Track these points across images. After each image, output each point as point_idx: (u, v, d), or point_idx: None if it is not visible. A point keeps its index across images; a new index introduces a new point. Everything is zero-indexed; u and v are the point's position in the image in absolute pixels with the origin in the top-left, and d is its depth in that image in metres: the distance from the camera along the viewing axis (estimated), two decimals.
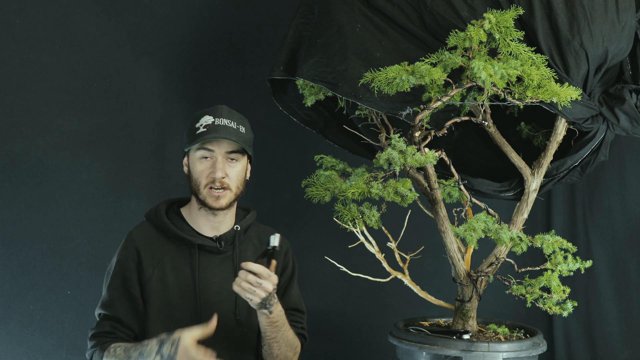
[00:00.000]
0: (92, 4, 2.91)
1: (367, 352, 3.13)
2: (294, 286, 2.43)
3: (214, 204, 2.25)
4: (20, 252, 2.85)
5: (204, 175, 2.25)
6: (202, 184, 2.25)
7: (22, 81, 2.85)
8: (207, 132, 2.23)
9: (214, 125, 2.25)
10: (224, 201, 2.26)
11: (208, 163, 2.26)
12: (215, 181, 2.24)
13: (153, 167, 2.97)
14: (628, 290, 3.01)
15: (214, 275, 2.29)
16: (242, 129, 2.29)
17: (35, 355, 2.86)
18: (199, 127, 2.26)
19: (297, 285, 2.46)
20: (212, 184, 2.24)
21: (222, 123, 2.25)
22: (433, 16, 2.27)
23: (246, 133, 2.31)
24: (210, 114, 2.28)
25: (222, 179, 2.24)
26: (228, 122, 2.27)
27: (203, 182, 2.25)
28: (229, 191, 2.26)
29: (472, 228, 2.22)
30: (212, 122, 2.26)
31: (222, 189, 2.25)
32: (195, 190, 2.28)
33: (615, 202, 3.03)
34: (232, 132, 2.25)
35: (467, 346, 2.22)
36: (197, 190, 2.27)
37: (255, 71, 3.02)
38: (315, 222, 3.07)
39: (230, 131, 2.25)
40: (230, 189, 2.26)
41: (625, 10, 2.27)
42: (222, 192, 2.25)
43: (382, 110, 2.28)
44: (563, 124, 2.41)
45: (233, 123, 2.28)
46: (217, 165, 2.24)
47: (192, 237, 2.28)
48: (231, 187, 2.26)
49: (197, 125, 2.26)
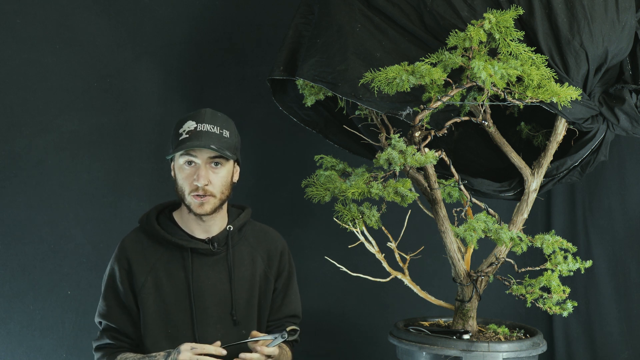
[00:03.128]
0: (92, 4, 2.91)
1: (367, 352, 3.12)
2: (292, 290, 2.43)
3: (198, 210, 2.24)
4: (20, 252, 2.85)
5: (187, 182, 2.24)
6: (186, 190, 2.24)
7: (22, 81, 2.85)
8: (189, 139, 2.21)
9: (196, 132, 2.22)
10: (208, 207, 2.24)
11: (191, 170, 2.24)
12: (198, 189, 2.22)
13: (153, 167, 2.97)
14: (628, 290, 3.01)
15: (208, 278, 2.29)
16: (225, 133, 2.26)
17: (35, 355, 2.86)
18: (181, 132, 2.24)
19: (296, 287, 2.45)
20: (195, 191, 2.23)
21: (204, 129, 2.23)
22: (433, 16, 2.27)
23: (230, 137, 2.27)
24: (193, 119, 2.25)
25: (205, 187, 2.22)
26: (211, 128, 2.24)
27: (187, 189, 2.24)
28: (212, 197, 2.24)
29: (472, 228, 2.22)
30: (194, 127, 2.23)
31: (205, 195, 2.23)
32: (180, 196, 2.27)
33: (615, 202, 3.03)
34: (215, 138, 2.22)
35: (467, 346, 2.22)
36: (182, 196, 2.26)
37: (255, 71, 3.02)
38: (315, 222, 3.07)
39: (212, 137, 2.22)
40: (213, 195, 2.24)
41: (625, 10, 2.27)
42: (205, 198, 2.23)
43: (382, 110, 2.27)
44: (563, 124, 2.41)
45: (216, 128, 2.24)
46: (200, 173, 2.22)
47: (184, 241, 2.28)
48: (215, 194, 2.24)
49: (180, 131, 2.25)
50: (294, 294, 2.43)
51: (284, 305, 2.38)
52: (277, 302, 2.39)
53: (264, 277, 2.37)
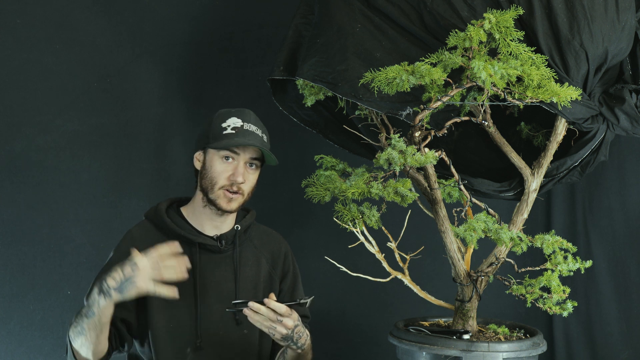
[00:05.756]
0: (92, 4, 2.91)
1: (367, 352, 3.13)
2: (299, 292, 2.44)
3: (226, 206, 2.25)
4: (20, 252, 2.85)
5: (223, 177, 2.24)
6: (218, 184, 2.24)
7: (22, 81, 2.85)
8: (236, 135, 2.23)
9: (243, 130, 2.24)
10: (235, 204, 2.26)
11: (229, 165, 2.25)
12: (234, 185, 2.24)
13: (153, 167, 2.97)
14: (628, 290, 3.01)
15: (213, 275, 2.29)
16: (265, 138, 2.30)
17: (35, 355, 2.86)
18: (226, 127, 2.25)
19: (301, 288, 2.46)
20: (229, 186, 2.24)
21: (250, 128, 2.25)
22: (433, 16, 2.27)
23: (268, 142, 2.31)
24: (238, 116, 2.27)
25: (240, 185, 2.24)
26: (255, 129, 2.27)
27: (220, 182, 2.24)
28: (241, 196, 2.27)
29: (472, 228, 2.22)
30: (240, 125, 2.25)
31: (237, 193, 2.25)
32: (207, 188, 2.26)
33: (615, 202, 3.03)
34: (259, 139, 2.26)
35: (467, 346, 2.22)
36: (210, 188, 2.25)
37: (255, 71, 3.02)
38: (315, 222, 3.07)
39: (257, 138, 2.25)
40: (243, 195, 2.27)
41: (625, 10, 2.27)
42: (236, 195, 2.25)
43: (382, 110, 2.27)
44: (563, 124, 2.41)
45: (259, 131, 2.28)
46: (239, 170, 2.24)
47: (193, 236, 2.28)
48: (245, 193, 2.27)
49: (223, 125, 2.25)
50: (300, 295, 2.43)
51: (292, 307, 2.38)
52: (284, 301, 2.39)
53: (269, 278, 2.37)
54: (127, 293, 2.02)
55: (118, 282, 2.01)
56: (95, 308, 2.03)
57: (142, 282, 2.01)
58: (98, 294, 2.03)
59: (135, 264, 2.01)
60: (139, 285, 2.00)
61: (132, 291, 2.01)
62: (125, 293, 2.02)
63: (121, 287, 2.01)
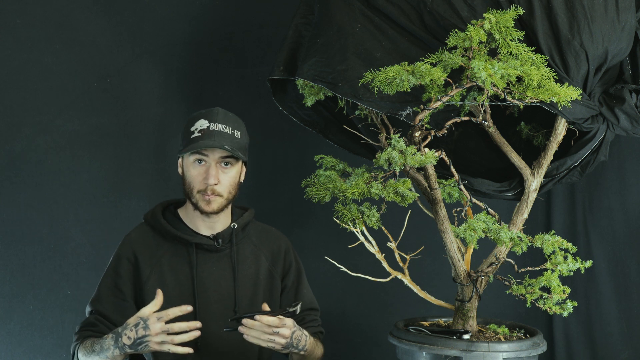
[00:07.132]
0: (92, 4, 2.91)
1: (367, 352, 3.12)
2: (304, 286, 2.44)
3: (206, 208, 2.26)
4: (20, 252, 2.85)
5: (197, 181, 2.26)
6: (194, 188, 2.26)
7: (22, 81, 2.85)
8: (201, 138, 2.22)
9: (209, 131, 2.24)
10: (215, 205, 2.27)
11: (201, 168, 2.26)
12: (207, 188, 2.24)
13: (153, 167, 2.97)
14: (628, 290, 3.01)
15: (212, 274, 2.30)
16: (237, 134, 2.28)
17: (35, 355, 2.86)
18: (193, 131, 2.25)
19: (306, 283, 2.46)
20: (203, 190, 2.25)
21: (217, 128, 2.25)
22: (433, 16, 2.27)
23: (241, 138, 2.29)
24: (205, 117, 2.27)
25: (214, 186, 2.24)
26: (223, 128, 2.25)
27: (196, 187, 2.26)
28: (219, 197, 2.26)
29: (472, 228, 2.22)
30: (207, 126, 2.25)
31: (212, 194, 2.25)
32: (188, 194, 2.28)
33: (615, 202, 3.02)
34: (227, 138, 2.24)
35: (467, 346, 2.22)
36: (190, 193, 2.27)
37: (255, 71, 3.02)
38: (315, 222, 3.07)
39: (224, 137, 2.24)
40: (221, 195, 2.26)
41: (625, 10, 2.27)
42: (213, 197, 2.25)
43: (382, 110, 2.27)
44: (563, 124, 2.41)
45: (228, 128, 2.26)
46: (210, 172, 2.24)
47: (189, 236, 2.29)
48: (222, 193, 2.27)
49: (192, 129, 2.26)
50: (306, 288, 2.44)
51: (298, 298, 2.39)
52: (291, 299, 2.40)
53: (269, 275, 2.37)
54: (141, 351, 2.09)
55: (132, 341, 2.06)
56: (108, 353, 2.11)
57: (155, 345, 2.06)
58: (113, 345, 2.09)
59: (148, 327, 2.05)
60: (152, 346, 2.07)
61: (146, 350, 2.08)
62: (139, 350, 2.09)
63: (134, 345, 2.07)
